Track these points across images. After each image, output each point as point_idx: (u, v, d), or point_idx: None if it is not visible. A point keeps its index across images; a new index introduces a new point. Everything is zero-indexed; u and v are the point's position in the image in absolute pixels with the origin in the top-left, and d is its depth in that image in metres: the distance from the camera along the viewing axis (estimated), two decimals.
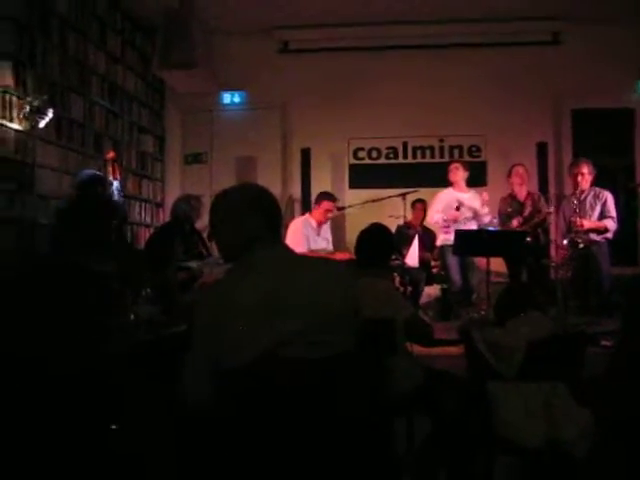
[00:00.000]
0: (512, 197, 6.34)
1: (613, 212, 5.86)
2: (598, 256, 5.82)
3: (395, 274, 5.73)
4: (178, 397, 1.93)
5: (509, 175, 6.38)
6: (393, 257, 6.14)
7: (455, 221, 6.12)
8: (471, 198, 6.29)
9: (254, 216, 2.03)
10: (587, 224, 5.78)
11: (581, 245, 5.59)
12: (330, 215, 6.31)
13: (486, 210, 6.19)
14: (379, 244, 3.42)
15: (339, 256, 6.23)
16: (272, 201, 2.11)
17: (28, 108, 4.91)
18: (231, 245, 2.09)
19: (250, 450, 1.85)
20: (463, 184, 6.35)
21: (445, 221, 6.21)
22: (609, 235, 5.85)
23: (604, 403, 2.49)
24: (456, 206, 6.13)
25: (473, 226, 6.20)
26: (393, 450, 2.81)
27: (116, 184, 4.77)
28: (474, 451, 2.97)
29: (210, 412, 1.89)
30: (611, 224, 5.82)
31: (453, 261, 6.11)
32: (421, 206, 6.85)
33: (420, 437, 3.37)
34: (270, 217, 2.06)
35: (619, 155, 7.77)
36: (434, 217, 6.36)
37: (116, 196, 4.82)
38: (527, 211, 6.18)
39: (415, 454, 3.32)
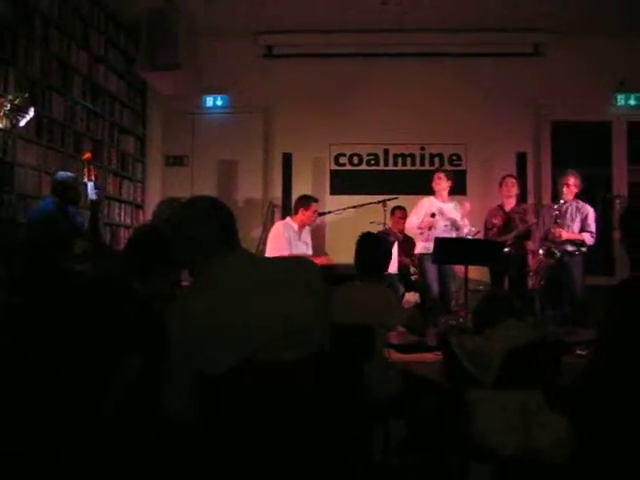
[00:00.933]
0: (500, 208, 6.39)
1: (593, 227, 5.94)
2: (572, 266, 5.89)
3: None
4: (160, 409, 1.93)
5: (500, 186, 6.44)
6: None
7: (429, 228, 6.15)
8: (451, 209, 6.33)
9: (203, 229, 2.04)
10: (565, 235, 5.84)
11: (557, 255, 5.65)
12: (317, 217, 6.35)
13: (465, 221, 6.24)
14: (380, 252, 3.60)
15: (317, 260, 6.27)
16: (221, 209, 2.11)
17: (9, 106, 4.86)
18: (190, 261, 2.11)
19: (229, 455, 1.86)
20: (445, 194, 6.39)
21: (419, 228, 6.24)
22: (584, 247, 5.92)
23: (581, 412, 2.51)
24: (432, 213, 6.17)
25: (452, 235, 6.24)
26: (370, 454, 2.83)
27: (90, 185, 4.74)
28: (449, 457, 3.00)
29: (190, 422, 1.89)
30: (589, 238, 5.90)
31: (431, 269, 6.14)
32: (400, 214, 6.88)
33: (396, 442, 3.40)
34: (222, 226, 2.06)
35: (597, 166, 7.90)
36: (411, 221, 6.38)
37: (90, 197, 4.80)
38: (514, 222, 6.21)
39: (391, 459, 3.34)
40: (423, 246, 6.17)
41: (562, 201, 5.97)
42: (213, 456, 1.88)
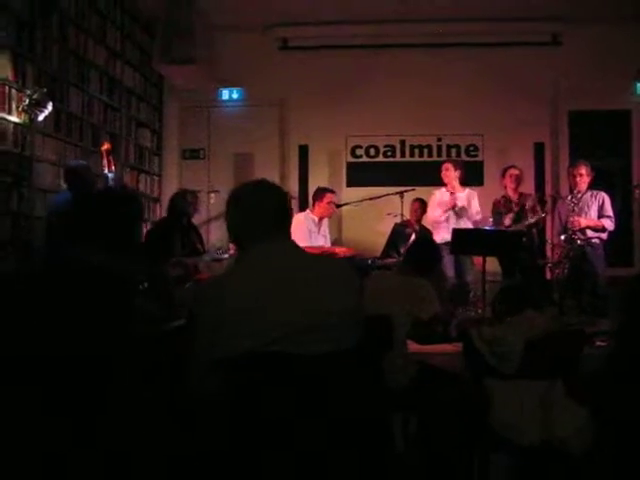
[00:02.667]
0: (505, 198, 6.36)
1: (610, 212, 5.89)
2: (593, 258, 5.84)
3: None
4: (187, 389, 1.95)
5: (503, 176, 6.40)
6: (391, 255, 6.21)
7: (454, 206, 6.16)
8: (463, 198, 6.31)
9: (251, 212, 2.05)
10: (584, 222, 5.80)
11: (578, 242, 5.60)
12: (333, 208, 6.31)
13: (477, 208, 6.24)
14: (429, 252, 3.94)
15: (340, 250, 6.27)
16: (270, 196, 2.09)
17: (27, 101, 4.89)
18: (235, 238, 2.13)
19: (246, 445, 1.86)
20: (456, 183, 6.36)
21: (445, 212, 6.22)
22: (604, 235, 5.87)
23: (602, 402, 2.50)
24: (450, 192, 6.20)
25: (468, 225, 6.22)
26: (392, 447, 2.83)
27: (111, 176, 4.74)
28: (470, 448, 2.99)
29: (216, 403, 1.91)
30: (608, 223, 5.85)
31: (448, 259, 6.12)
32: (419, 205, 6.85)
33: (415, 433, 3.40)
34: (265, 212, 2.05)
35: (616, 156, 7.81)
36: (435, 213, 6.35)
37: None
38: (517, 211, 6.19)
39: (411, 449, 3.34)
40: (441, 237, 6.14)
41: (576, 191, 5.93)
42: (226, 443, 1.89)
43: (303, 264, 2.04)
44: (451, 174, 6.33)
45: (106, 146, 4.95)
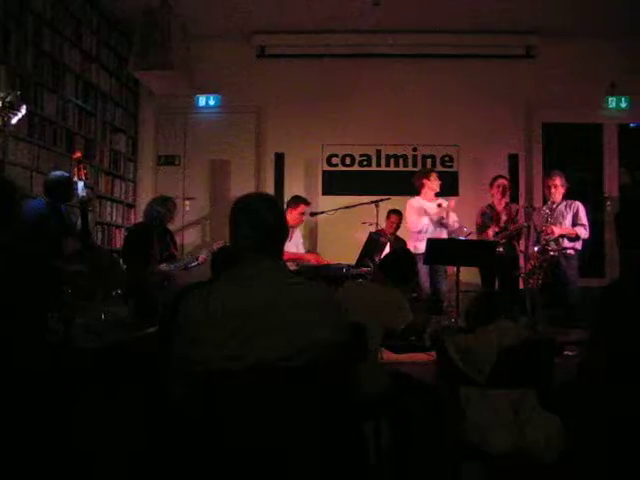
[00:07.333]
0: (491, 208, 6.42)
1: (585, 220, 5.95)
2: (566, 268, 5.90)
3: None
4: (162, 393, 1.95)
5: (490, 186, 6.46)
6: (366, 264, 6.21)
7: (446, 215, 6.25)
8: (434, 207, 6.36)
9: (241, 226, 2.06)
10: (558, 230, 5.86)
11: (552, 252, 5.67)
12: (303, 218, 6.35)
13: (453, 217, 6.29)
14: (407, 265, 3.91)
15: (309, 257, 6.29)
16: (266, 213, 2.07)
17: (0, 104, 4.82)
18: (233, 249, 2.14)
19: (222, 453, 1.86)
20: (432, 194, 6.44)
21: (432, 221, 6.26)
22: (579, 245, 5.94)
23: (573, 410, 2.53)
24: (437, 203, 6.27)
25: (443, 235, 6.27)
26: (364, 456, 2.83)
27: (81, 184, 4.71)
28: (442, 455, 3.00)
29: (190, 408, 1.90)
30: (582, 231, 5.91)
31: (423, 269, 6.15)
32: (395, 218, 6.87)
33: (387, 442, 3.40)
34: (259, 230, 2.05)
35: (588, 168, 7.95)
36: (421, 223, 6.33)
37: (80, 196, 4.76)
38: (502, 221, 6.26)
39: (383, 459, 3.34)
40: (414, 246, 6.17)
41: (551, 202, 6.00)
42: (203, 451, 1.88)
43: (287, 289, 2.01)
44: (437, 184, 6.41)
45: (77, 155, 4.92)
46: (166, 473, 2.08)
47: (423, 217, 6.33)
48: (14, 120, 4.97)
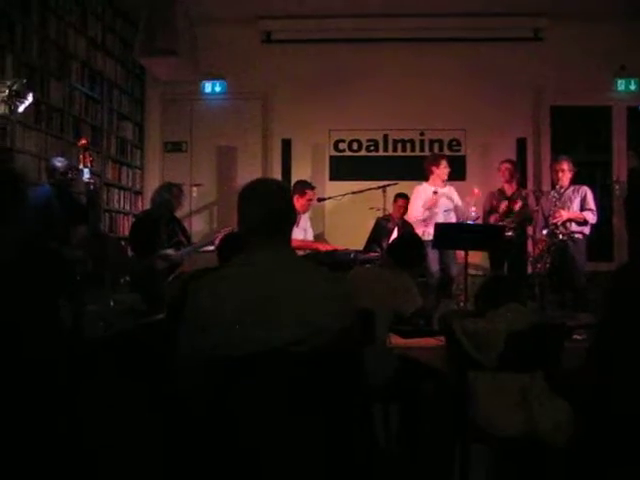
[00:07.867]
0: (501, 192, 6.40)
1: (592, 205, 5.92)
2: (574, 252, 5.88)
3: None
4: (172, 380, 1.95)
5: (498, 171, 6.44)
6: (374, 249, 6.22)
7: (435, 205, 6.15)
8: (448, 192, 6.33)
9: (249, 211, 2.04)
10: (566, 214, 5.83)
11: (560, 236, 5.64)
12: (311, 205, 6.33)
13: (472, 207, 6.25)
14: (414, 249, 3.95)
15: (321, 247, 6.26)
16: (276, 199, 2.06)
17: (7, 92, 4.83)
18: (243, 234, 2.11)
19: (234, 440, 1.86)
20: (440, 180, 6.40)
21: (426, 210, 6.21)
22: (587, 229, 5.91)
23: (582, 395, 2.52)
24: (433, 191, 6.18)
25: (453, 220, 6.25)
26: (374, 439, 2.84)
27: (86, 171, 4.71)
28: (451, 439, 3.01)
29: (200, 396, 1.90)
30: (590, 216, 5.88)
31: (432, 254, 6.14)
32: (402, 202, 6.84)
33: (396, 426, 3.42)
34: (268, 214, 2.02)
35: (596, 152, 7.89)
36: (415, 213, 6.34)
37: (86, 183, 4.76)
38: (517, 205, 6.22)
39: (392, 442, 3.35)
40: (423, 231, 6.16)
41: (559, 187, 5.97)
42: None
43: (296, 278, 2.01)
44: (447, 169, 6.37)
45: (83, 142, 4.92)
46: (175, 460, 2.09)
47: (413, 206, 6.34)
48: (21, 108, 4.98)
